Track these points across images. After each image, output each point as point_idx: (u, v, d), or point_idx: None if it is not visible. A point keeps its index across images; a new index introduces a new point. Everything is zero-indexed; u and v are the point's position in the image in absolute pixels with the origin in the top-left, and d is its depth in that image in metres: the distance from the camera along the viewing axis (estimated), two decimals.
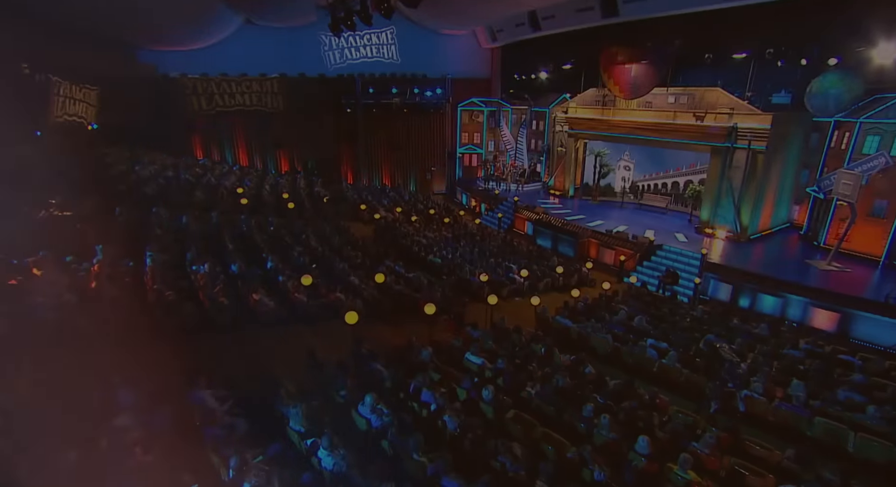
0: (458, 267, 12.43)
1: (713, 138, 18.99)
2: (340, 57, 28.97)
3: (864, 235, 16.31)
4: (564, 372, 8.83)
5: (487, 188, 28.51)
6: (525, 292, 15.55)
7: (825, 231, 17.54)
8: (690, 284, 16.66)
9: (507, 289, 15.17)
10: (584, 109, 24.57)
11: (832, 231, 17.32)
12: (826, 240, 17.55)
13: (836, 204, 17.05)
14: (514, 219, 24.35)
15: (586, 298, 13.76)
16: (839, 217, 17.09)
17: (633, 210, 24.38)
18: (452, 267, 12.42)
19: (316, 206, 21.18)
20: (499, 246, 19.03)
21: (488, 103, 30.71)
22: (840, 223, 17.09)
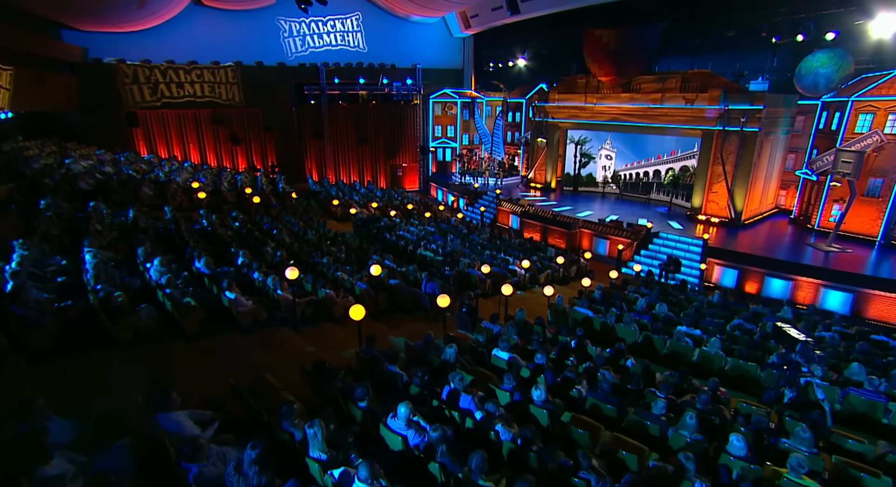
0: (456, 260, 11.17)
1: (704, 121, 18.79)
2: (302, 44, 27.17)
3: (858, 215, 16.40)
4: (606, 367, 7.75)
5: (464, 183, 27.45)
6: (526, 285, 14.59)
7: (819, 213, 17.54)
8: (693, 271, 16.21)
9: (509, 282, 14.09)
10: (566, 97, 24.00)
11: (826, 213, 17.36)
12: (820, 222, 17.56)
13: (829, 185, 17.11)
14: (498, 213, 23.47)
15: (600, 287, 12.81)
16: (832, 198, 17.16)
17: (615, 200, 24.12)
18: (454, 259, 11.14)
19: (284, 203, 19.31)
20: (488, 239, 17.92)
21: (462, 94, 29.76)
22: (833, 204, 17.15)
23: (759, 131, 17.50)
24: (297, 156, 27.96)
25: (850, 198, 15.27)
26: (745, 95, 17.75)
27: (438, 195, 29.10)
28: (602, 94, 22.46)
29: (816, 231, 17.67)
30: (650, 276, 15.85)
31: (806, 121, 19.48)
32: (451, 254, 10.95)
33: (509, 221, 22.85)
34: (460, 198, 26.27)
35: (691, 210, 20.21)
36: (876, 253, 15.77)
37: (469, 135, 30.76)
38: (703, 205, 19.74)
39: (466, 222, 21.06)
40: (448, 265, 11.07)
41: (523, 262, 14.34)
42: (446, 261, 10.91)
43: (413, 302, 11.13)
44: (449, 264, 11.04)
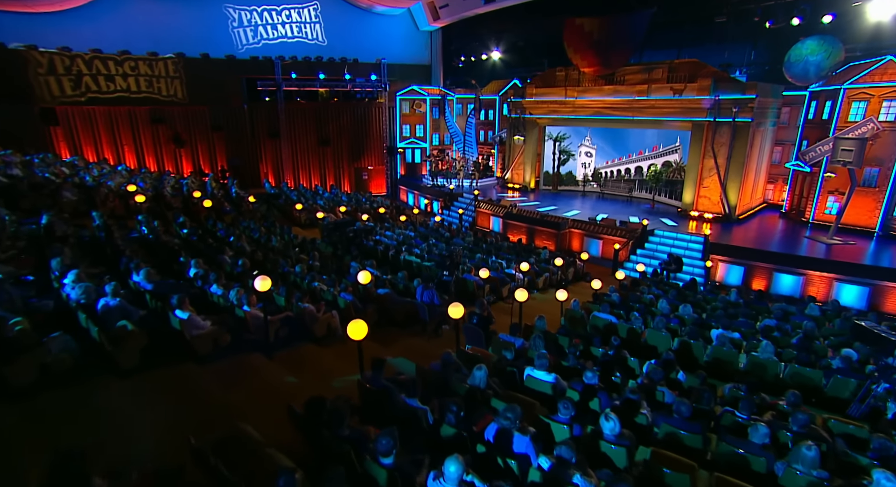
0: (457, 264, 9.78)
1: (694, 113, 18.43)
2: (254, 35, 25.21)
3: (854, 206, 16.32)
4: (662, 383, 6.56)
5: (437, 185, 26.19)
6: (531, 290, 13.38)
7: (814, 206, 17.41)
8: (696, 270, 15.58)
9: (508, 288, 12.83)
10: (545, 91, 23.29)
11: (821, 205, 17.26)
12: (815, 214, 17.43)
13: (823, 176, 16.99)
14: (477, 216, 22.32)
15: (613, 288, 11.76)
16: (827, 190, 17.07)
17: (597, 199, 23.68)
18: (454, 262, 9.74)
19: (239, 208, 17.28)
20: (474, 243, 16.65)
21: (431, 91, 28.57)
22: (828, 196, 17.08)
23: (751, 121, 17.28)
24: (250, 158, 25.77)
25: (851, 187, 15.10)
26: (735, 85, 17.50)
27: (409, 199, 27.67)
28: (583, 88, 21.87)
29: (812, 224, 17.54)
30: (659, 276, 15.06)
31: (791, 112, 19.53)
32: (450, 257, 9.55)
33: (490, 224, 21.77)
34: (434, 201, 24.97)
35: (682, 206, 19.79)
36: (875, 244, 15.65)
37: (440, 135, 29.58)
38: (695, 201, 19.34)
39: (446, 226, 19.72)
40: (448, 269, 9.65)
41: (522, 265, 13.11)
42: (445, 265, 9.50)
43: (407, 314, 9.62)
44: (449, 268, 9.63)
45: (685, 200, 19.74)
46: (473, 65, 28.79)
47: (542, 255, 15.60)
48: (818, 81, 16.59)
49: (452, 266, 9.78)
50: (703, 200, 19.21)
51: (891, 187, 15.56)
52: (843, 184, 16.66)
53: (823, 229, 16.83)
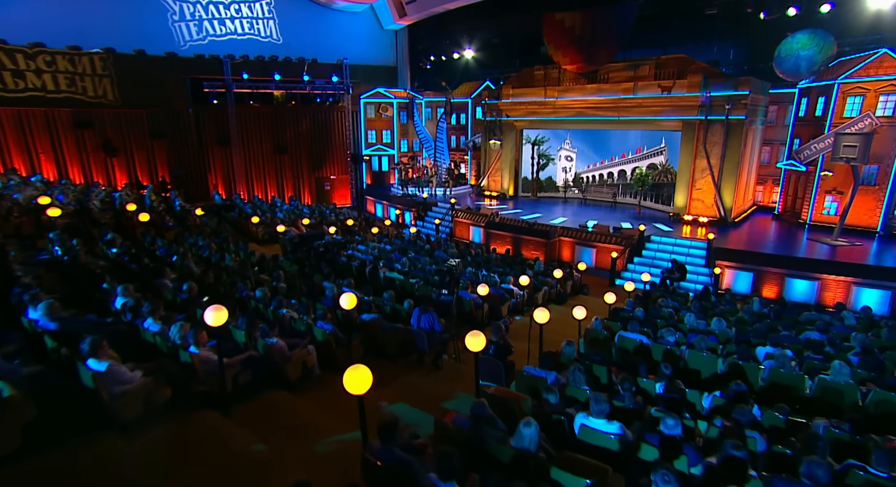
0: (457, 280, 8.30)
1: (684, 111, 17.94)
2: (198, 30, 23.14)
3: (853, 205, 16.00)
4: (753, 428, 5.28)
5: (408, 194, 24.73)
6: (523, 308, 12.11)
7: (811, 206, 17.11)
8: (700, 278, 14.77)
9: (507, 305, 11.48)
10: (523, 91, 22.46)
11: (818, 205, 16.98)
12: (813, 215, 17.14)
13: (819, 175, 16.73)
14: (454, 226, 21.01)
15: (631, 302, 10.61)
16: (824, 189, 16.82)
17: (580, 205, 22.98)
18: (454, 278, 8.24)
19: (184, 223, 15.17)
20: (458, 255, 15.21)
21: (397, 94, 27.33)
22: (826, 196, 16.85)
23: (745, 119, 16.91)
24: (197, 168, 23.47)
25: (854, 186, 14.77)
26: (727, 80, 17.13)
27: (377, 209, 26.09)
28: (564, 87, 21.16)
29: (810, 225, 17.24)
30: (664, 285, 14.09)
31: (779, 111, 19.42)
32: (449, 273, 8.06)
33: (469, 234, 20.52)
34: (406, 212, 23.49)
35: (675, 210, 19.20)
36: (879, 244, 15.36)
37: (408, 141, 28.33)
38: (688, 204, 18.79)
39: (423, 238, 18.19)
40: (447, 287, 8.16)
41: (521, 279, 11.79)
42: (444, 283, 8.01)
43: (400, 343, 8.04)
44: (448, 286, 8.13)
45: (677, 204, 19.14)
46: (444, 65, 27.72)
47: (537, 267, 14.39)
48: (810, 77, 16.36)
49: (452, 283, 8.29)
50: (696, 203, 18.67)
51: (891, 185, 15.38)
52: (841, 183, 16.43)
53: (823, 230, 16.51)
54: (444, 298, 8.43)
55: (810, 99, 17.36)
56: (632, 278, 15.78)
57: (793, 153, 17.49)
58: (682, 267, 14.85)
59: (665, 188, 20.69)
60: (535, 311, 7.45)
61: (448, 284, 8.25)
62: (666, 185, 20.61)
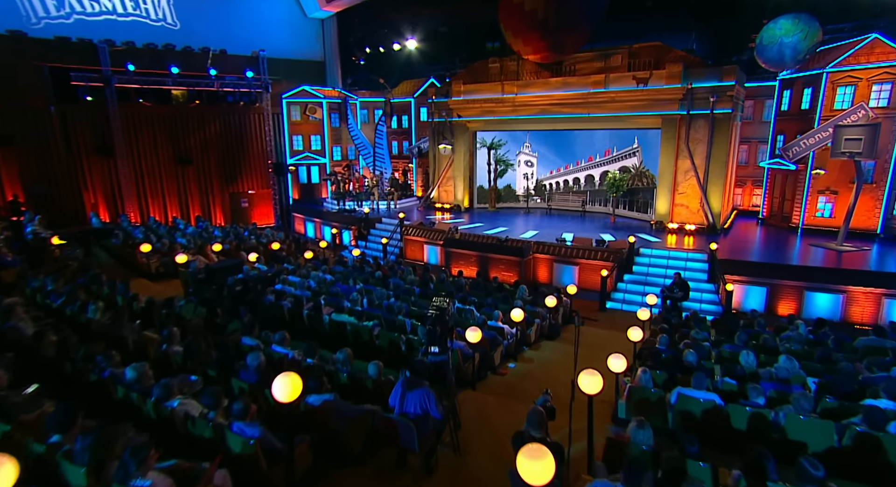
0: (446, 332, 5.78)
1: (663, 105, 16.90)
2: (58, 5, 19.10)
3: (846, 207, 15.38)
4: None
5: (345, 209, 22.01)
6: (514, 351, 9.93)
7: (802, 209, 16.43)
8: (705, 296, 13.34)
9: (500, 351, 9.15)
10: (476, 87, 20.76)
11: (811, 207, 16.37)
12: (805, 219, 16.50)
13: (810, 174, 16.09)
14: (405, 245, 18.58)
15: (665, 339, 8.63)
16: (816, 189, 16.21)
17: (544, 216, 21.53)
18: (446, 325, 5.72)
19: (37, 256, 11.49)
20: (419, 282, 12.75)
21: (327, 93, 24.70)
22: (818, 196, 16.34)
23: (731, 113, 16.08)
24: (65, 184, 19.23)
25: (858, 183, 13.99)
26: (710, 70, 16.21)
27: (308, 229, 23.10)
28: (525, 81, 19.71)
29: (803, 229, 16.61)
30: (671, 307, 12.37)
31: (755, 106, 18.95)
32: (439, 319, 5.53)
33: (423, 254, 18.21)
34: (344, 230, 20.71)
35: (657, 218, 18.01)
36: (880, 247, 14.75)
37: (342, 148, 25.80)
38: (671, 211, 17.66)
39: (369, 262, 15.53)
40: (438, 340, 5.61)
41: (514, 313, 9.50)
42: (433, 336, 5.46)
43: (369, 435, 5.40)
44: (439, 339, 5.58)
45: (659, 211, 17.96)
46: (381, 59, 25.63)
47: (520, 294, 12.18)
48: (795, 66, 15.72)
49: (445, 333, 5.78)
50: (680, 210, 17.59)
51: (890, 182, 14.85)
52: (835, 182, 15.87)
53: (818, 234, 15.86)
54: (433, 359, 5.88)
55: (794, 91, 16.83)
56: (624, 299, 14.31)
57: (779, 151, 16.74)
58: (684, 284, 13.27)
59: (641, 193, 19.58)
60: (580, 376, 5.07)
61: (439, 337, 5.73)
62: (642, 190, 19.48)
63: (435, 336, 5.95)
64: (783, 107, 17.38)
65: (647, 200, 19.24)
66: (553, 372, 9.26)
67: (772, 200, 18.13)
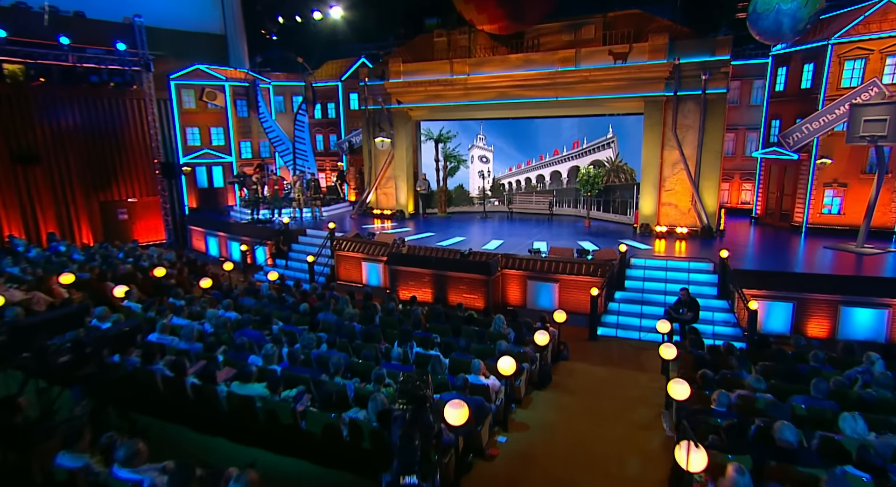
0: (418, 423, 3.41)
1: (645, 85, 15.62)
2: None
3: (857, 201, 14.82)
4: None
5: (259, 219, 19.30)
6: (502, 417, 7.73)
7: (806, 205, 15.59)
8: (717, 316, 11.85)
9: (487, 421, 6.89)
10: (420, 67, 18.76)
11: (816, 203, 15.61)
12: (809, 217, 15.74)
13: (814, 164, 15.21)
14: (337, 264, 16.24)
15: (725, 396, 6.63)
16: (822, 182, 15.43)
17: (505, 221, 19.91)
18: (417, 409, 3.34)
19: None
20: (362, 318, 10.22)
21: (230, 75, 22.00)
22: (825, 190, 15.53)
23: (725, 93, 14.96)
24: None
25: (880, 173, 13.01)
26: (700, 43, 15.01)
27: (210, 246, 20.10)
28: (478, 59, 17.94)
29: (808, 229, 15.79)
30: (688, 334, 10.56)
31: (742, 87, 18.13)
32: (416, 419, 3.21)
33: (362, 275, 15.93)
34: (258, 247, 17.87)
35: (643, 221, 16.70)
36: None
37: (253, 143, 23.77)
38: (657, 212, 16.38)
39: (290, 287, 12.84)
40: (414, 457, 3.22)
41: (502, 364, 7.25)
42: (409, 455, 3.10)
43: None
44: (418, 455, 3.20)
45: (644, 211, 16.64)
46: (299, 33, 23.25)
47: (496, 327, 9.98)
48: (794, 37, 14.68)
49: (427, 445, 3.36)
50: (668, 210, 16.35)
51: None
52: (844, 173, 15.21)
53: (829, 235, 15.02)
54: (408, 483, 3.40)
55: (791, 68, 16.08)
56: (618, 322, 12.59)
57: (776, 138, 15.85)
58: (693, 303, 11.58)
59: (618, 192, 18.35)
60: None
61: (417, 452, 3.29)
62: (619, 188, 18.23)
63: (412, 452, 3.47)
64: (778, 87, 16.67)
65: (627, 200, 18.05)
66: (561, 445, 7.15)
67: (767, 196, 17.38)
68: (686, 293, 11.43)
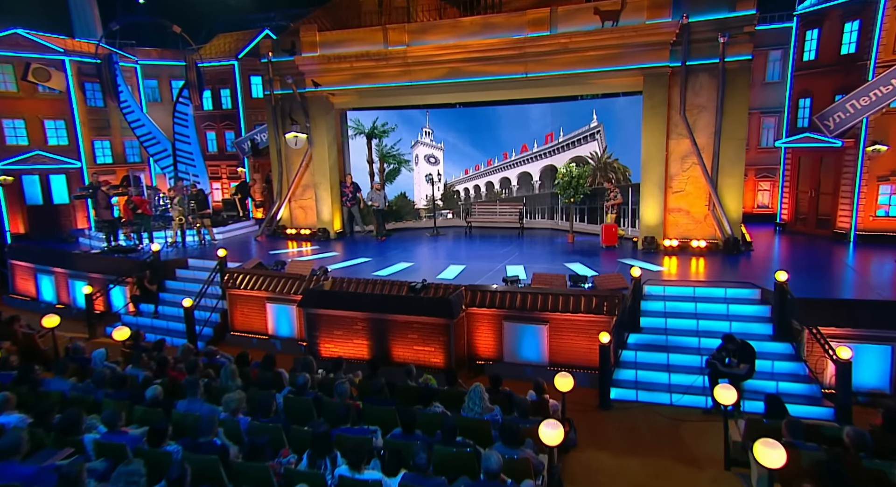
0: None
1: (643, 55, 14.22)
2: None
3: None
4: None
5: (119, 247, 17.18)
6: None
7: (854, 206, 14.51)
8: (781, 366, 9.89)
9: None
10: (343, 36, 17.09)
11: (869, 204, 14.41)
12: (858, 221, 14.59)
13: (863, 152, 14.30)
14: (232, 308, 14.09)
15: None
16: (875, 175, 14.31)
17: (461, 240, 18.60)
18: None
19: None
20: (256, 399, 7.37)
21: (73, 47, 20.89)
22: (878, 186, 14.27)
23: (750, 60, 13.64)
24: None
25: None
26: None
27: (43, 288, 17.56)
28: (421, 24, 16.40)
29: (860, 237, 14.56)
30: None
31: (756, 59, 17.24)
32: None
33: (267, 322, 13.70)
34: (114, 287, 15.46)
35: (646, 233, 15.23)
36: None
37: (112, 142, 22.23)
38: (664, 221, 14.98)
39: (148, 355, 9.94)
40: None
41: None
42: None
43: None
44: None
45: (645, 221, 15.28)
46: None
47: (474, 400, 7.52)
48: None
49: None
50: (677, 217, 14.91)
51: None
52: None
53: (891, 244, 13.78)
54: None
55: (826, 29, 15.08)
56: (638, 380, 10.39)
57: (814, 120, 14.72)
58: (746, 350, 9.42)
59: (603, 198, 16.91)
60: None
61: None
62: (608, 192, 16.70)
63: None
64: (807, 55, 15.77)
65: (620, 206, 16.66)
66: None
67: (796, 197, 16.36)
68: (732, 339, 9.23)
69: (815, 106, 15.34)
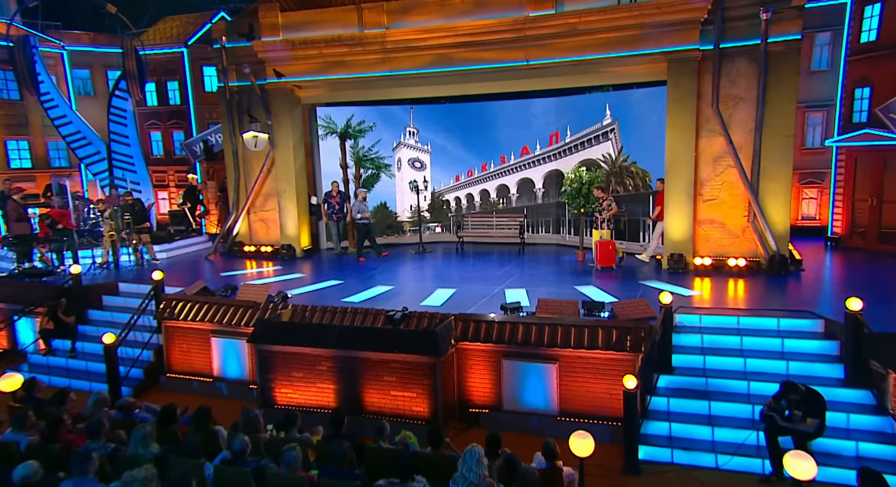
0: None
1: (668, 37, 13.87)
2: None
3: None
4: None
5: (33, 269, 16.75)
6: None
7: None
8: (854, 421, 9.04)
9: None
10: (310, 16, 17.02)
11: None
12: None
13: None
14: (168, 343, 13.37)
15: None
16: None
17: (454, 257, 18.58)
18: None
19: None
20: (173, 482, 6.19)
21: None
22: None
23: (799, 41, 13.22)
24: None
25: None
26: None
27: None
28: (404, 3, 16.27)
29: None
30: None
31: None
32: None
33: (212, 361, 12.86)
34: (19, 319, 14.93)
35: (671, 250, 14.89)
36: None
37: (34, 144, 22.45)
38: (693, 235, 14.62)
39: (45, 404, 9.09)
40: None
41: None
42: None
43: None
44: None
45: (671, 235, 14.89)
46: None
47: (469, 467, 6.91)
48: None
49: None
50: (709, 231, 14.55)
51: None
52: None
53: None
54: None
55: (889, 4, 14.88)
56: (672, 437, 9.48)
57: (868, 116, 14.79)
58: (815, 399, 8.49)
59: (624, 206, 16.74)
60: None
61: None
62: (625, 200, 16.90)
63: None
64: (866, 36, 15.56)
65: (639, 218, 16.80)
66: None
67: (852, 206, 16.03)
68: (792, 386, 8.34)
69: (876, 96, 15.07)
